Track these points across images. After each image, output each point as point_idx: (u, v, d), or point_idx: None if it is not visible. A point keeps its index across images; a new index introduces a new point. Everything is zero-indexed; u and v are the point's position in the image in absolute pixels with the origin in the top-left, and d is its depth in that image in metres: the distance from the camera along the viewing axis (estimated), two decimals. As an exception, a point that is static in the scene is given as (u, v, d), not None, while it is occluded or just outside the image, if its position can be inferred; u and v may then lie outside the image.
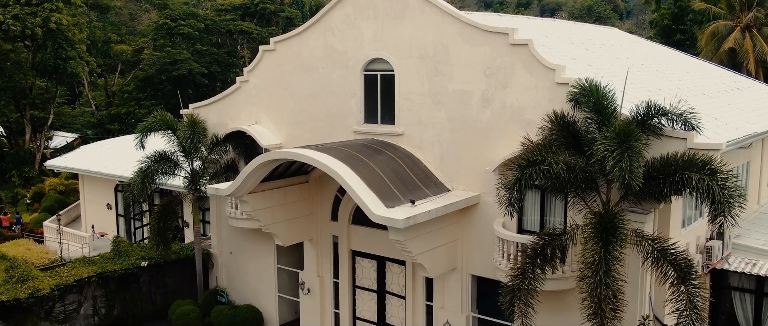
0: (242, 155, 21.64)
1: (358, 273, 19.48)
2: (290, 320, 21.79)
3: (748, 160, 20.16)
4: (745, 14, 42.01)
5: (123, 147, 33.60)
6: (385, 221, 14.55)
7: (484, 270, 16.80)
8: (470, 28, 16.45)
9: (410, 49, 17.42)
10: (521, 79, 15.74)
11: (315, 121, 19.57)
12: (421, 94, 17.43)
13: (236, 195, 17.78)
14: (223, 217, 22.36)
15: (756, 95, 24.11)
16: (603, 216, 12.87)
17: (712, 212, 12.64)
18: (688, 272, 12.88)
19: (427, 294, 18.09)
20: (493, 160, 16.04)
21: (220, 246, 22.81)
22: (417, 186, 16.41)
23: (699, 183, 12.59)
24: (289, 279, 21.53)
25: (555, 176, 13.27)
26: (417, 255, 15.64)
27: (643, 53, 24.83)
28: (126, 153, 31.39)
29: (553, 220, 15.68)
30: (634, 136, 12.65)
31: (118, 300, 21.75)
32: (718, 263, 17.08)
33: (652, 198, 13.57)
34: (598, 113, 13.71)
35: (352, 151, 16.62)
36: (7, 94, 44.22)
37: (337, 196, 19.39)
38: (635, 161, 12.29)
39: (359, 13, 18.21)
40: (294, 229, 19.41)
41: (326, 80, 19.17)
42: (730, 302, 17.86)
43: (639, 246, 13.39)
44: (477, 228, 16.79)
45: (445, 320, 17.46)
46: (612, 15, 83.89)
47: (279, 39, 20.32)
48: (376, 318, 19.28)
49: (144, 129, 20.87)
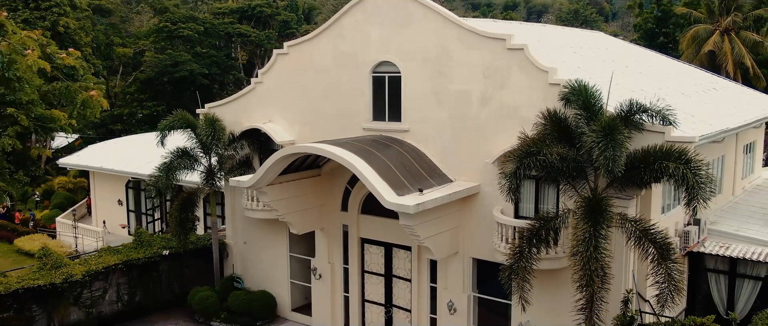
0: (256, 151, 23.25)
1: (366, 259, 21.14)
2: (301, 304, 23.40)
3: (723, 154, 22.02)
4: (724, 18, 44.06)
5: (132, 145, 35.14)
6: (397, 207, 16.23)
7: (483, 254, 18.50)
8: (470, 33, 18.16)
9: (415, 53, 19.10)
10: (517, 80, 17.46)
11: (326, 120, 21.18)
12: (425, 93, 19.11)
13: (257, 186, 19.39)
14: (237, 209, 23.94)
15: (731, 95, 26.01)
16: (591, 200, 14.63)
17: (686, 196, 14.43)
18: (667, 250, 14.66)
19: (431, 276, 19.77)
20: (491, 153, 17.75)
21: (235, 237, 24.39)
22: (423, 177, 18.10)
23: (675, 171, 14.38)
24: (300, 266, 23.15)
25: (549, 165, 15.00)
26: (424, 239, 17.32)
27: (627, 56, 26.68)
28: (136, 151, 32.96)
29: (546, 207, 17.39)
30: (617, 129, 14.42)
31: (140, 288, 23.26)
32: (695, 246, 18.88)
33: (634, 185, 15.35)
34: (587, 110, 15.45)
35: (364, 146, 18.29)
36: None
37: (347, 188, 21.03)
38: (618, 151, 14.06)
39: (368, 20, 19.88)
40: (307, 219, 21.04)
41: (337, 81, 20.81)
42: (706, 283, 19.66)
43: (623, 227, 15.15)
44: (477, 216, 18.49)
45: (448, 299, 19.16)
46: (598, 18, 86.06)
47: (292, 43, 21.94)
48: (383, 300, 20.95)
49: (165, 127, 22.38)
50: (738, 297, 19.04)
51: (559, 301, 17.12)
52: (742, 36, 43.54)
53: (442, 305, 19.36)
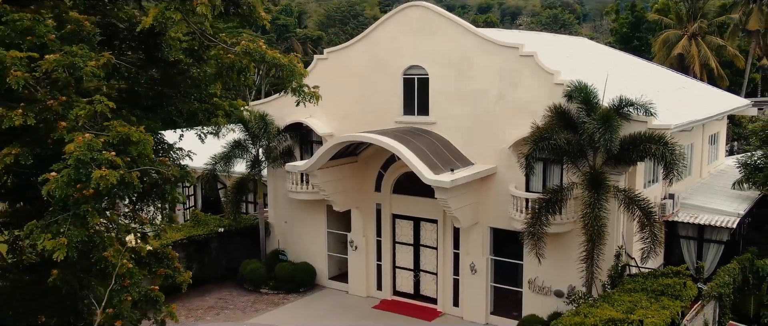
0: (297, 142, 27.03)
1: (397, 232, 25.05)
2: (337, 273, 27.23)
3: (692, 142, 26.35)
4: (691, 24, 48.86)
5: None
6: (436, 183, 20.19)
7: (499, 223, 22.49)
8: (488, 42, 22.17)
9: (441, 58, 23.04)
10: (527, 81, 21.50)
11: (362, 114, 24.96)
12: (449, 92, 23.06)
13: (310, 170, 23.20)
14: (278, 193, 27.69)
15: (698, 93, 30.45)
16: (593, 174, 18.76)
17: (664, 170, 18.62)
18: (650, 212, 18.84)
19: (454, 244, 23.75)
20: (506, 140, 21.75)
21: (276, 217, 28.14)
22: (450, 160, 22.06)
23: (656, 151, 18.55)
24: (336, 240, 26.98)
25: (558, 148, 19.08)
26: (454, 210, 21.29)
27: (611, 59, 30.98)
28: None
29: (552, 184, 21.45)
30: (612, 119, 18.55)
31: (197, 262, 26.85)
32: (670, 216, 23.08)
33: (624, 163, 19.48)
34: (587, 104, 19.55)
35: (402, 134, 22.21)
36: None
37: (380, 172, 24.90)
38: (614, 134, 18.19)
39: (400, 31, 23.78)
40: (347, 198, 24.88)
41: (371, 82, 24.65)
42: (679, 247, 23.87)
43: (616, 197, 19.29)
44: (494, 192, 22.48)
45: (471, 262, 23.16)
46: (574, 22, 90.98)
47: (331, 50, 25.78)
48: (412, 266, 24.89)
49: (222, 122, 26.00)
50: (705, 258, 23.26)
51: (561, 260, 21.19)
52: (707, 40, 48.38)
53: (465, 267, 23.36)
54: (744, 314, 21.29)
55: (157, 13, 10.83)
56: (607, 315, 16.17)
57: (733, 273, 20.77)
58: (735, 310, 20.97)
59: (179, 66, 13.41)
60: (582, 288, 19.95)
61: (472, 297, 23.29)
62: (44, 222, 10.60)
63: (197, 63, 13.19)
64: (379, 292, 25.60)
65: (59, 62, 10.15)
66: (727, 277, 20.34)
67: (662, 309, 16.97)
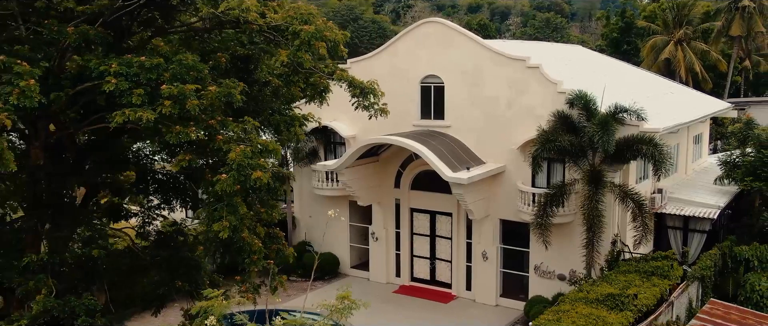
0: (322, 144, 29.74)
1: (415, 224, 27.83)
2: (358, 263, 30.00)
3: (678, 142, 29.28)
4: (678, 31, 51.91)
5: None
6: (454, 179, 22.99)
7: (507, 215, 25.31)
8: (498, 55, 24.97)
9: (455, 68, 25.82)
10: (533, 89, 24.32)
11: (382, 119, 27.60)
12: (462, 98, 25.84)
13: (339, 169, 25.94)
14: (303, 190, 30.38)
15: (683, 98, 33.42)
16: (592, 172, 21.63)
17: (654, 168, 21.52)
18: (641, 205, 21.73)
19: (467, 234, 26.56)
20: (514, 142, 24.55)
21: (302, 212, 30.85)
22: (465, 159, 24.86)
23: (647, 151, 21.44)
24: (357, 232, 29.73)
25: (562, 148, 21.91)
26: (469, 203, 24.10)
27: (605, 66, 33.90)
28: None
29: (554, 181, 24.29)
30: (609, 123, 21.43)
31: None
32: (659, 208, 25.97)
33: (619, 161, 22.35)
34: (587, 110, 22.41)
35: (421, 137, 24.99)
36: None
37: (399, 171, 27.67)
38: (611, 137, 21.07)
39: (418, 44, 26.54)
40: (369, 194, 27.63)
41: (391, 89, 27.05)
42: (667, 237, 26.76)
43: (612, 191, 22.16)
44: (503, 188, 25.29)
45: (483, 250, 25.98)
46: (566, 25, 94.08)
47: (354, 60, 28.48)
48: (429, 255, 27.69)
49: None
50: (690, 245, 26.15)
51: (563, 247, 24.04)
52: (692, 46, 51.47)
53: (477, 255, 26.18)
54: (724, 293, 24.20)
55: (289, 52, 14.35)
56: (607, 291, 19.02)
57: (715, 258, 23.68)
58: (716, 290, 23.89)
59: (270, 86, 16.32)
60: (582, 271, 22.82)
61: (483, 281, 26.14)
62: (208, 210, 13.74)
63: (286, 85, 16.15)
64: (398, 279, 28.39)
65: (221, 93, 13.12)
66: (709, 261, 23.26)
67: (653, 286, 19.86)
